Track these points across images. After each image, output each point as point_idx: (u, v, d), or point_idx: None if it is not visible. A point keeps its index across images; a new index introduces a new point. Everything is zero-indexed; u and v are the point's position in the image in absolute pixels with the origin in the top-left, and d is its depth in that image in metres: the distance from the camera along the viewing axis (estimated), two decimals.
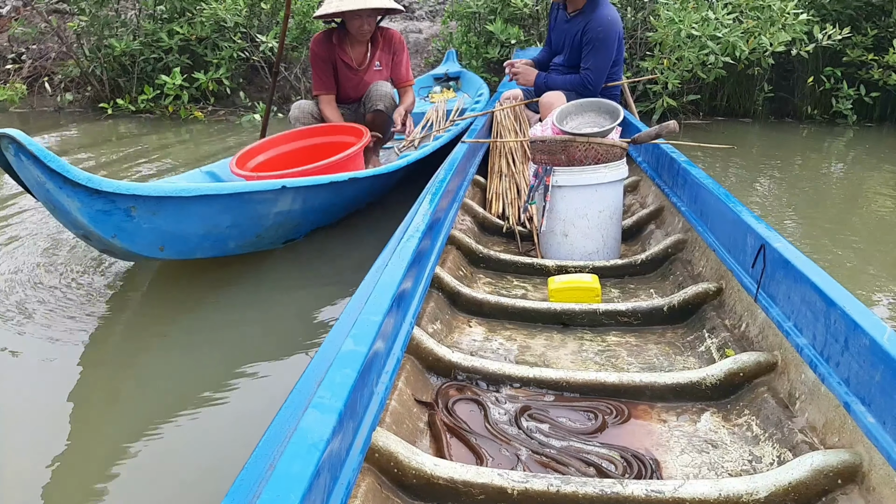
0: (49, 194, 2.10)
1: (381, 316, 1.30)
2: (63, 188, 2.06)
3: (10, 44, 7.96)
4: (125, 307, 2.50)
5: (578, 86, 3.38)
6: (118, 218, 2.20)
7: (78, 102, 7.29)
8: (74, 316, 2.37)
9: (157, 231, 2.32)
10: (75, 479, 1.60)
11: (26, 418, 1.84)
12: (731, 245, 1.93)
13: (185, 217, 2.37)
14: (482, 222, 2.84)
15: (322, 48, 3.62)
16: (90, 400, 1.94)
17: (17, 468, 1.65)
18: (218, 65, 6.73)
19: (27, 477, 1.61)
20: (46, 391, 1.96)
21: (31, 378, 2.04)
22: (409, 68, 3.89)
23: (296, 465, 0.87)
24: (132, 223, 2.24)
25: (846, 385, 1.26)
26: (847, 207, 3.82)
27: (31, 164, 2.00)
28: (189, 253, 2.53)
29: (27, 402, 1.92)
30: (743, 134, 5.97)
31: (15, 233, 3.27)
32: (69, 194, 2.08)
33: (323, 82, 3.66)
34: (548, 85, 3.50)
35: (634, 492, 1.16)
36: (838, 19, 6.11)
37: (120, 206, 2.18)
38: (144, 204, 2.23)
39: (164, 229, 2.34)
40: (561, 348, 1.87)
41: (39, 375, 2.05)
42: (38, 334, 2.25)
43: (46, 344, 2.19)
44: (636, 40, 6.52)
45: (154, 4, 6.92)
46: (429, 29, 8.15)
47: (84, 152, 5.24)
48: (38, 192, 2.14)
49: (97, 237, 2.23)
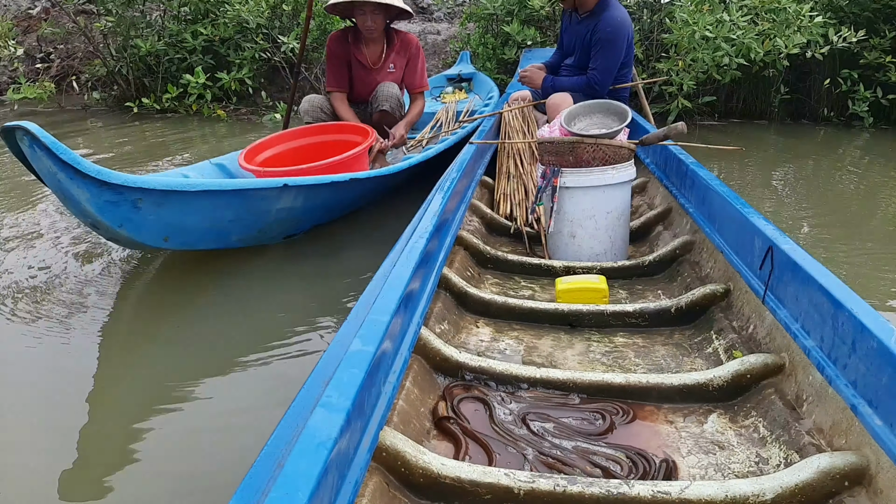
0: (60, 184, 2.18)
1: (388, 316, 1.30)
2: (74, 179, 2.15)
3: (39, 43, 8.15)
4: (130, 295, 2.59)
5: (585, 86, 3.38)
6: (125, 209, 2.28)
7: (104, 101, 7.45)
8: (84, 302, 2.47)
9: (161, 223, 2.41)
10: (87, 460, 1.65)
11: (40, 401, 1.90)
12: (738, 246, 1.93)
13: (189, 210, 2.45)
14: (490, 223, 2.84)
15: (338, 45, 3.67)
16: (101, 383, 2.02)
17: (33, 449, 1.70)
18: (240, 65, 6.87)
19: (42, 458, 1.66)
20: (59, 374, 2.03)
21: (44, 361, 2.11)
22: (423, 75, 3.90)
23: (304, 464, 0.87)
24: (138, 214, 2.33)
25: (853, 387, 1.26)
26: (863, 211, 3.79)
27: (45, 155, 2.09)
28: (192, 244, 2.62)
29: (41, 385, 1.99)
30: (759, 136, 5.95)
31: (31, 222, 3.39)
32: (79, 185, 2.17)
33: (336, 79, 3.71)
34: (554, 87, 3.50)
35: (641, 492, 1.16)
36: (856, 21, 6.07)
37: (127, 198, 2.27)
38: (150, 196, 2.32)
39: (169, 221, 2.43)
40: (568, 349, 1.87)
41: (52, 358, 2.12)
42: (53, 318, 2.35)
43: (58, 328, 2.28)
44: (652, 42, 6.52)
45: (178, 6, 7.05)
46: (447, 30, 8.20)
47: (110, 149, 5.35)
48: (50, 181, 2.21)
49: (105, 226, 2.31)
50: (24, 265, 2.81)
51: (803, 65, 6.26)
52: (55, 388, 1.97)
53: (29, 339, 2.21)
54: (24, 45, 8.00)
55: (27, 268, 2.79)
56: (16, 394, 1.94)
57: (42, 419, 1.82)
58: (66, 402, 1.89)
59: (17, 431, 1.77)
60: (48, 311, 2.39)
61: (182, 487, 1.57)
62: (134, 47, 6.92)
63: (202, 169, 3.29)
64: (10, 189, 4.12)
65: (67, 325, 2.31)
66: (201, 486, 1.57)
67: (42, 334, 2.24)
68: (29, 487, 1.57)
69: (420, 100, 3.95)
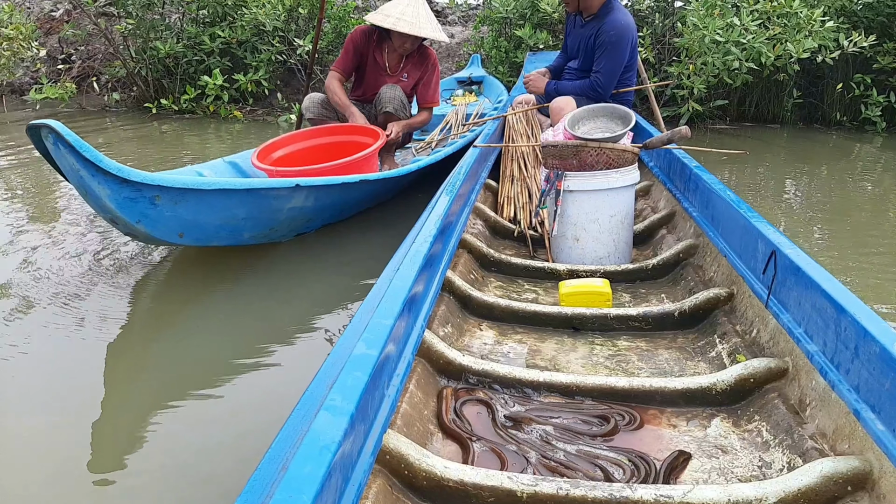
0: (82, 180, 2.26)
1: (392, 319, 1.31)
2: (95, 176, 2.23)
3: (61, 45, 8.31)
4: (144, 290, 2.65)
5: (588, 89, 3.39)
6: (143, 205, 2.36)
7: (124, 102, 7.60)
8: (100, 295, 2.55)
9: (177, 219, 2.48)
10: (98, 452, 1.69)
11: (56, 389, 1.95)
12: (742, 251, 1.93)
13: (205, 208, 2.52)
14: (493, 226, 2.85)
15: (361, 39, 3.75)
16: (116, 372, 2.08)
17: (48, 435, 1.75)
18: (257, 67, 6.98)
19: (55, 444, 1.70)
20: (74, 364, 2.09)
21: (60, 352, 2.17)
22: (436, 91, 3.95)
23: (308, 467, 0.88)
24: (155, 210, 2.41)
25: (856, 392, 1.26)
26: (874, 217, 3.79)
27: (68, 152, 2.17)
28: (206, 240, 2.68)
29: (58, 374, 2.04)
30: (771, 140, 5.95)
31: (51, 217, 3.51)
32: (100, 182, 2.25)
33: (343, 64, 3.78)
34: (558, 91, 3.50)
35: (644, 496, 1.16)
36: (869, 26, 6.06)
37: (145, 195, 2.36)
38: (168, 194, 2.40)
39: (185, 218, 2.50)
40: (571, 352, 1.87)
41: (68, 350, 2.18)
42: (70, 310, 2.42)
43: (74, 320, 2.35)
44: (664, 46, 6.53)
45: (197, 9, 7.18)
46: (461, 34, 8.26)
47: (129, 149, 5.44)
48: (72, 178, 2.29)
49: (123, 222, 2.39)
50: (43, 258, 2.90)
51: (816, 69, 6.26)
52: (69, 378, 2.02)
53: (46, 330, 2.28)
54: (47, 46, 8.18)
55: (46, 261, 2.87)
56: (31, 383, 1.98)
57: (56, 409, 1.86)
58: (78, 393, 1.94)
59: (31, 420, 1.81)
60: (65, 304, 2.46)
61: (189, 481, 1.59)
62: (153, 49, 7.06)
63: (216, 167, 3.37)
64: (32, 185, 4.24)
65: (83, 317, 2.37)
66: (208, 480, 1.59)
67: (59, 325, 2.31)
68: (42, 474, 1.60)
69: (427, 113, 3.99)
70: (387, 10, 3.61)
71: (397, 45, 3.70)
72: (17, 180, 4.40)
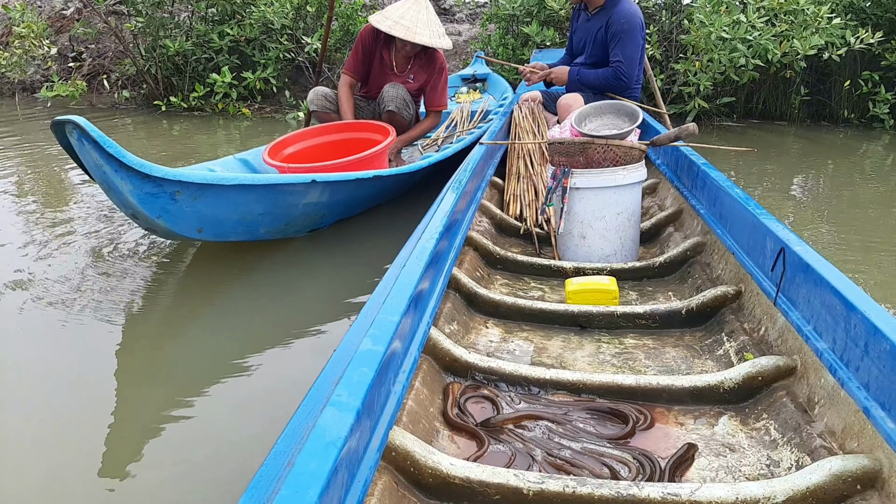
0: (105, 176, 2.30)
1: (398, 316, 1.30)
2: (118, 171, 2.27)
3: (72, 43, 8.41)
4: (165, 284, 2.69)
5: (612, 78, 3.38)
6: (164, 201, 2.39)
7: (134, 99, 7.67)
8: (118, 288, 2.59)
9: (197, 214, 2.52)
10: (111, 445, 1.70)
11: (71, 383, 1.97)
12: (750, 248, 1.92)
13: (224, 203, 2.55)
14: (499, 224, 2.84)
15: (369, 37, 3.77)
16: (132, 366, 2.11)
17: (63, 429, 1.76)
18: (265, 65, 7.04)
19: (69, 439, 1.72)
20: (90, 357, 2.12)
21: (78, 345, 2.20)
22: (443, 94, 3.95)
23: (314, 463, 0.87)
24: (176, 206, 2.44)
25: (866, 390, 1.25)
26: (882, 214, 3.76)
27: (92, 148, 2.20)
28: (224, 236, 2.72)
29: (73, 368, 2.06)
30: (778, 137, 5.93)
31: (71, 212, 3.57)
32: (123, 177, 2.28)
33: (354, 65, 3.81)
34: (581, 80, 3.50)
35: (651, 494, 1.15)
36: (877, 23, 6.03)
37: (166, 190, 2.39)
38: (188, 189, 2.43)
39: (204, 213, 2.53)
40: (578, 350, 1.87)
41: (85, 343, 2.21)
42: (88, 304, 2.44)
43: (93, 314, 2.37)
44: (671, 43, 6.51)
45: (206, 7, 7.24)
46: (468, 31, 8.26)
47: (139, 146, 5.49)
48: (95, 173, 2.33)
49: (144, 217, 2.42)
50: (55, 255, 2.92)
51: (823, 66, 6.23)
52: (84, 371, 2.04)
53: (64, 324, 2.29)
54: (58, 44, 8.27)
55: (58, 257, 2.89)
56: (46, 376, 2.00)
57: (71, 402, 1.88)
58: (94, 386, 1.96)
59: (45, 413, 1.82)
60: (84, 298, 2.48)
61: (197, 475, 1.59)
62: (163, 47, 7.12)
63: (227, 163, 3.40)
64: (45, 181, 4.29)
65: (102, 310, 2.39)
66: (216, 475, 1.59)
67: (77, 319, 2.33)
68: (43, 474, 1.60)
69: (435, 117, 3.99)
70: (388, 11, 3.62)
71: (399, 46, 3.72)
72: (29, 176, 4.45)
